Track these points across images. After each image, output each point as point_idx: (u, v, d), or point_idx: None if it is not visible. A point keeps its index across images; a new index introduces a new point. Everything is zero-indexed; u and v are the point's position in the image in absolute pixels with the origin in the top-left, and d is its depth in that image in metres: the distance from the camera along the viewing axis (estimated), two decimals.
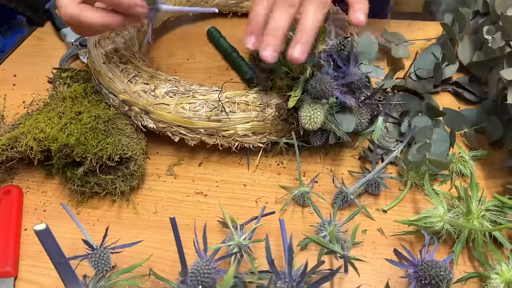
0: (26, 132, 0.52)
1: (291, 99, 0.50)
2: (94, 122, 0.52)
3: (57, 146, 0.49)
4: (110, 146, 0.50)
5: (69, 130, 0.51)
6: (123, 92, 0.54)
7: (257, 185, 0.54)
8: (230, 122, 0.52)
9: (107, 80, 0.55)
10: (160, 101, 0.52)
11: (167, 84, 0.53)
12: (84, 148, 0.49)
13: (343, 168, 0.56)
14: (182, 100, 0.52)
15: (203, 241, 0.41)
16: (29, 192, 0.54)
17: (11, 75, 0.69)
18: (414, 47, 0.71)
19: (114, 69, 0.55)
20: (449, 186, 0.53)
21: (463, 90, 0.63)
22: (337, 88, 0.50)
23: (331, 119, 0.51)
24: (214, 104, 0.52)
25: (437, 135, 0.53)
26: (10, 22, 0.78)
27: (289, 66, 0.52)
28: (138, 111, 0.54)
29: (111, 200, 0.53)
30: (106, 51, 0.57)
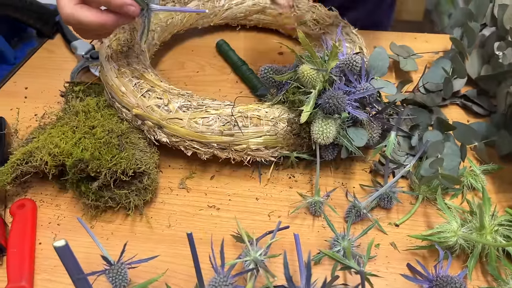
0: (40, 147, 0.52)
1: (303, 114, 0.50)
2: (107, 137, 0.53)
3: (72, 161, 0.50)
4: (124, 161, 0.50)
5: (84, 144, 0.51)
6: (137, 106, 0.54)
7: (269, 199, 0.55)
8: (243, 137, 0.52)
9: (120, 95, 0.55)
10: (173, 116, 0.53)
11: (180, 99, 0.54)
12: (98, 163, 0.50)
13: (354, 182, 0.56)
14: (195, 115, 0.53)
15: (220, 257, 0.41)
16: (43, 206, 0.54)
17: (22, 88, 0.70)
18: (421, 60, 0.71)
19: (127, 83, 0.56)
20: (460, 200, 0.54)
21: (471, 103, 0.64)
22: (349, 103, 0.50)
23: (343, 133, 0.52)
24: (227, 119, 0.52)
25: (448, 149, 0.53)
26: (20, 35, 0.79)
27: (301, 81, 0.53)
28: (151, 126, 0.54)
29: (125, 214, 0.53)
30: (119, 65, 0.58)
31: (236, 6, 0.76)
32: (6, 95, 0.69)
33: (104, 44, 0.62)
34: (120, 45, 0.61)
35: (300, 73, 0.51)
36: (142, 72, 0.57)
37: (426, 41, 0.79)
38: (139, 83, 0.56)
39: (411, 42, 0.75)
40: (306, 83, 0.52)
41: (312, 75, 0.51)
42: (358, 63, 0.51)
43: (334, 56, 0.51)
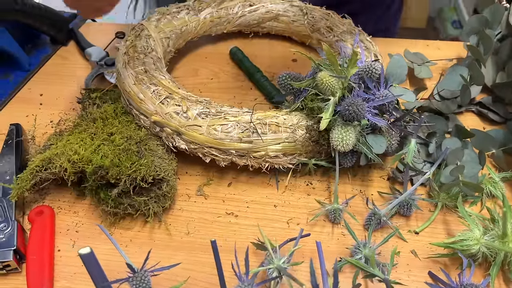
0: (59, 154, 0.52)
1: (323, 121, 0.50)
2: (126, 144, 0.53)
3: (92, 168, 0.50)
4: (143, 168, 0.50)
5: (103, 151, 0.51)
6: (155, 113, 0.54)
7: (287, 206, 0.54)
8: (262, 144, 0.52)
9: (138, 102, 0.56)
10: (192, 123, 0.53)
11: (198, 106, 0.54)
12: (118, 170, 0.50)
13: (372, 189, 0.56)
14: (214, 122, 0.53)
15: (245, 265, 0.41)
16: (61, 213, 0.54)
17: (37, 95, 0.70)
18: (435, 67, 0.72)
19: (145, 90, 0.56)
20: (479, 207, 0.53)
21: (487, 111, 0.64)
22: (368, 110, 0.50)
23: (363, 141, 0.52)
24: (246, 126, 0.52)
25: (467, 157, 0.53)
26: (34, 41, 0.79)
27: (319, 88, 0.53)
28: (170, 132, 0.54)
29: (143, 221, 0.53)
30: (136, 72, 0.58)
31: (249, 13, 0.77)
32: (22, 102, 0.69)
33: (121, 51, 0.62)
34: (137, 52, 0.61)
35: (319, 80, 0.51)
36: (159, 79, 0.57)
37: (438, 48, 0.79)
38: (157, 90, 0.56)
39: (423, 49, 0.75)
40: (324, 90, 0.52)
41: (331, 82, 0.51)
42: (377, 70, 0.51)
43: (353, 63, 0.51)
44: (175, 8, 0.72)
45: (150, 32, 0.66)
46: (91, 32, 0.83)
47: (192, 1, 0.74)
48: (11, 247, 0.48)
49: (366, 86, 0.53)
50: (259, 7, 0.77)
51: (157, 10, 0.72)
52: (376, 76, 0.52)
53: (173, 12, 0.71)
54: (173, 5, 0.73)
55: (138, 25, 0.67)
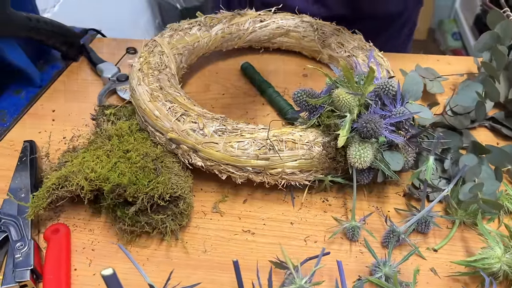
0: (76, 171, 0.52)
1: (340, 138, 0.50)
2: (143, 161, 0.52)
3: (110, 187, 0.49)
4: (161, 185, 0.50)
5: (120, 169, 0.51)
6: (171, 130, 0.54)
7: (304, 223, 0.54)
8: (279, 161, 0.52)
9: (154, 119, 0.55)
10: (209, 140, 0.53)
11: (215, 123, 0.54)
12: (135, 188, 0.50)
13: (388, 206, 0.56)
14: (231, 139, 0.53)
15: (268, 285, 0.40)
16: (76, 231, 0.54)
17: (49, 111, 0.70)
18: (446, 82, 0.72)
19: (161, 107, 0.56)
20: (496, 224, 0.53)
21: (500, 126, 0.64)
22: (385, 127, 0.50)
23: (380, 158, 0.52)
24: (262, 143, 0.52)
25: (484, 173, 0.53)
26: (45, 57, 0.80)
27: (336, 105, 0.53)
28: (186, 150, 0.54)
29: (159, 239, 0.52)
30: (151, 89, 0.58)
31: (260, 29, 0.77)
32: (34, 118, 0.69)
33: (135, 67, 0.62)
34: (151, 69, 0.61)
35: (335, 97, 0.51)
36: (175, 96, 0.58)
37: (449, 63, 0.79)
38: (172, 107, 0.56)
39: (434, 65, 0.76)
40: (341, 107, 0.52)
41: (348, 99, 0.51)
42: (394, 87, 0.52)
43: (370, 80, 0.51)
44: (187, 24, 0.73)
45: (163, 49, 0.66)
46: (102, 48, 0.83)
47: (204, 17, 0.75)
48: (28, 266, 0.47)
49: (383, 103, 0.53)
50: (269, 23, 0.77)
51: (169, 26, 0.72)
52: (393, 93, 0.52)
53: (185, 28, 0.72)
54: (184, 21, 0.73)
55: (151, 41, 0.68)
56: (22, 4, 0.71)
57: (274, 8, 0.77)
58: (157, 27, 2.07)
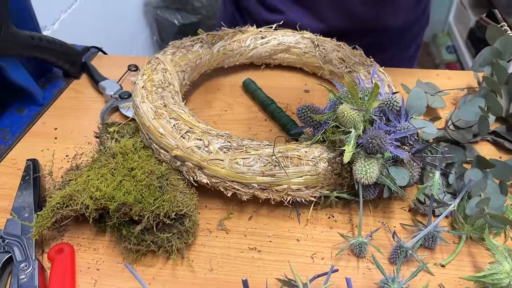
0: (81, 190, 0.51)
1: (346, 154, 0.50)
2: (148, 179, 0.52)
3: (116, 205, 0.49)
4: (166, 203, 0.50)
5: (125, 187, 0.51)
6: (176, 148, 0.54)
7: (310, 240, 0.54)
8: (284, 177, 0.52)
9: (159, 136, 0.55)
10: (214, 157, 0.52)
11: (220, 140, 0.54)
12: (141, 206, 0.49)
13: (394, 221, 0.56)
14: (236, 156, 0.52)
15: None
16: (80, 250, 0.53)
17: (51, 129, 0.70)
18: (447, 96, 0.72)
19: (166, 125, 0.56)
20: (503, 239, 0.53)
21: (503, 140, 0.65)
22: (390, 142, 0.50)
23: (386, 173, 0.52)
24: (268, 159, 0.52)
25: (489, 188, 0.53)
26: (47, 75, 0.80)
27: (340, 121, 0.53)
28: (191, 167, 0.54)
29: (165, 258, 0.52)
30: (156, 107, 0.58)
31: (261, 45, 0.78)
32: (37, 136, 0.69)
33: (138, 85, 0.62)
34: (155, 86, 0.62)
35: (340, 113, 0.52)
36: (179, 113, 0.58)
37: (449, 78, 0.80)
38: (177, 124, 0.56)
39: (434, 79, 0.76)
40: (346, 123, 0.52)
41: (352, 115, 0.51)
42: (398, 103, 0.52)
43: (374, 96, 0.51)
44: (189, 41, 0.73)
45: (166, 66, 0.66)
46: (103, 65, 0.83)
47: (206, 34, 0.75)
48: (32, 287, 0.47)
49: (387, 119, 0.53)
50: (270, 39, 0.78)
51: (171, 44, 0.72)
52: (397, 108, 0.52)
53: (187, 46, 0.72)
54: (186, 38, 0.74)
55: (154, 59, 0.68)
56: (24, 23, 0.72)
57: (275, 25, 0.78)
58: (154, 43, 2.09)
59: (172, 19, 1.94)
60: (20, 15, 0.71)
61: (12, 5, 0.65)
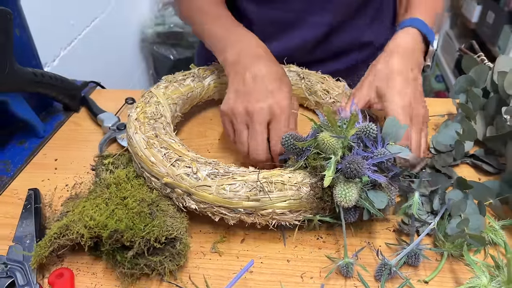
0: (76, 220, 0.54)
1: (326, 178, 0.53)
2: (139, 207, 0.55)
3: (108, 233, 0.52)
4: (156, 228, 0.52)
5: (117, 216, 0.53)
6: (166, 175, 0.57)
7: (299, 260, 0.56)
8: (269, 201, 0.55)
9: (150, 165, 0.58)
10: (202, 183, 0.55)
11: (208, 167, 0.57)
12: (132, 233, 0.52)
13: (379, 241, 0.59)
14: (223, 182, 0.55)
15: None
16: (79, 274, 0.55)
17: (52, 160, 0.73)
18: (429, 123, 0.76)
19: (156, 154, 0.59)
20: (483, 255, 0.56)
21: (481, 162, 0.68)
22: (368, 167, 0.53)
23: (365, 197, 0.54)
24: (253, 185, 0.55)
25: (469, 208, 0.56)
26: (48, 109, 0.83)
27: (321, 148, 0.56)
28: (180, 193, 0.57)
29: (158, 280, 0.54)
30: (148, 137, 0.61)
31: None
32: (37, 167, 0.72)
33: (132, 117, 0.66)
34: (147, 118, 0.65)
35: (320, 140, 0.55)
36: (170, 143, 0.61)
37: (430, 105, 0.84)
38: (167, 153, 0.59)
39: None
40: (326, 149, 0.55)
41: (332, 142, 0.54)
42: (374, 130, 0.55)
43: (352, 124, 0.55)
44: (181, 76, 0.77)
45: (159, 99, 0.70)
46: (101, 99, 0.87)
47: (197, 69, 0.80)
48: None
49: (365, 145, 0.56)
50: None
51: (164, 78, 0.77)
52: (373, 135, 0.55)
53: (180, 80, 0.76)
54: (179, 73, 0.78)
55: (147, 93, 0.72)
56: (27, 61, 0.76)
57: None
58: (150, 77, 2.15)
59: (168, 54, 2.00)
60: (24, 53, 0.76)
61: (16, 44, 0.69)
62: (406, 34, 0.70)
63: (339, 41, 0.91)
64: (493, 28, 2.20)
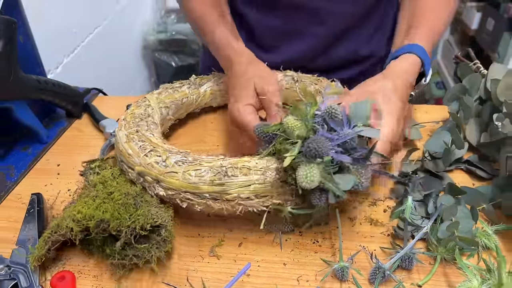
0: (66, 217, 0.56)
1: (287, 158, 0.52)
2: (124, 199, 0.57)
3: (95, 222, 0.54)
4: (141, 217, 0.54)
5: (104, 208, 0.56)
6: (139, 165, 0.59)
7: (296, 264, 0.58)
8: (233, 186, 0.55)
9: (127, 157, 0.61)
10: (170, 170, 0.57)
11: (178, 156, 0.58)
12: (118, 222, 0.54)
13: (374, 245, 0.60)
14: (189, 168, 0.56)
15: None
16: (81, 277, 0.56)
17: (55, 165, 0.75)
18: (424, 129, 0.78)
19: (134, 146, 0.61)
20: (476, 259, 0.57)
21: (475, 168, 0.69)
22: (332, 148, 0.52)
23: (329, 178, 0.52)
24: (218, 170, 0.56)
25: (460, 213, 0.58)
26: (51, 115, 0.85)
27: (287, 132, 0.55)
28: (151, 181, 0.58)
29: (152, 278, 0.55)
30: (129, 132, 0.64)
31: None
32: (41, 172, 0.73)
33: (121, 118, 0.68)
34: (134, 117, 0.67)
35: (285, 124, 0.54)
36: (148, 137, 0.63)
37: (426, 112, 0.86)
38: (143, 145, 0.61)
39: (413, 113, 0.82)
40: (290, 132, 0.54)
41: (295, 125, 0.53)
42: (337, 111, 0.54)
43: (313, 104, 0.54)
44: (178, 84, 0.80)
45: (150, 102, 0.72)
46: (103, 105, 0.89)
47: (194, 77, 0.82)
48: None
49: (330, 128, 0.55)
50: None
51: (162, 86, 0.78)
52: (337, 117, 0.54)
53: (176, 87, 0.78)
54: (177, 81, 0.80)
55: (142, 98, 0.74)
56: (31, 68, 0.78)
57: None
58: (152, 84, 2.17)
59: (170, 61, 2.02)
60: (28, 61, 0.78)
61: (20, 51, 0.71)
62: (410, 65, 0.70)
63: (339, 52, 0.93)
64: (492, 35, 2.22)
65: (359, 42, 0.93)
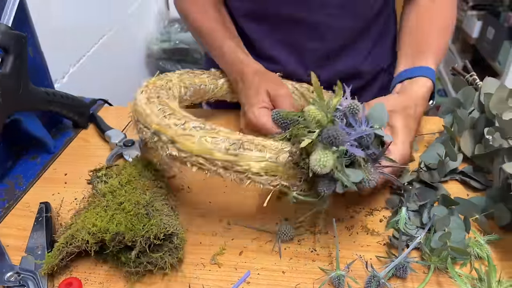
0: (80, 229, 0.58)
1: (305, 140, 0.53)
2: (135, 209, 0.59)
3: (111, 236, 0.56)
4: (154, 227, 0.57)
5: (117, 220, 0.58)
6: (157, 124, 0.60)
7: (294, 272, 0.60)
8: (246, 158, 0.56)
9: (145, 115, 0.62)
10: (187, 133, 0.58)
11: (196, 122, 0.60)
12: (133, 233, 0.56)
13: (370, 254, 0.62)
14: (207, 134, 0.58)
15: None
16: (87, 284, 0.59)
17: (62, 174, 0.77)
18: (422, 141, 0.80)
19: (153, 107, 0.63)
20: (469, 268, 0.59)
21: (469, 179, 0.71)
22: (348, 141, 0.53)
23: (341, 168, 0.54)
24: (235, 141, 0.57)
25: (453, 223, 0.60)
26: (58, 126, 0.88)
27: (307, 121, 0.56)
28: (165, 141, 0.59)
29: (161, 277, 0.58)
30: (150, 96, 0.65)
31: None
32: (48, 182, 0.76)
33: (142, 84, 0.70)
34: (156, 86, 0.69)
35: (306, 112, 0.55)
36: (168, 103, 0.64)
37: (424, 123, 0.88)
38: (163, 108, 0.62)
39: None
40: (310, 122, 0.55)
41: (317, 114, 0.55)
42: (359, 107, 0.56)
43: (338, 97, 0.56)
44: (199, 71, 0.83)
45: (171, 78, 0.75)
46: (109, 116, 0.91)
47: (215, 70, 0.85)
48: None
49: (349, 124, 0.57)
50: None
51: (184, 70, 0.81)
52: (358, 113, 0.56)
53: (197, 73, 0.82)
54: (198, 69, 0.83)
55: (163, 74, 0.76)
56: (40, 80, 0.80)
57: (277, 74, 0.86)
58: None
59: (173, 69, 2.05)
60: (37, 74, 0.80)
61: (30, 64, 0.73)
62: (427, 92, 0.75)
63: (339, 67, 0.95)
64: (493, 44, 2.25)
65: (359, 57, 0.96)
